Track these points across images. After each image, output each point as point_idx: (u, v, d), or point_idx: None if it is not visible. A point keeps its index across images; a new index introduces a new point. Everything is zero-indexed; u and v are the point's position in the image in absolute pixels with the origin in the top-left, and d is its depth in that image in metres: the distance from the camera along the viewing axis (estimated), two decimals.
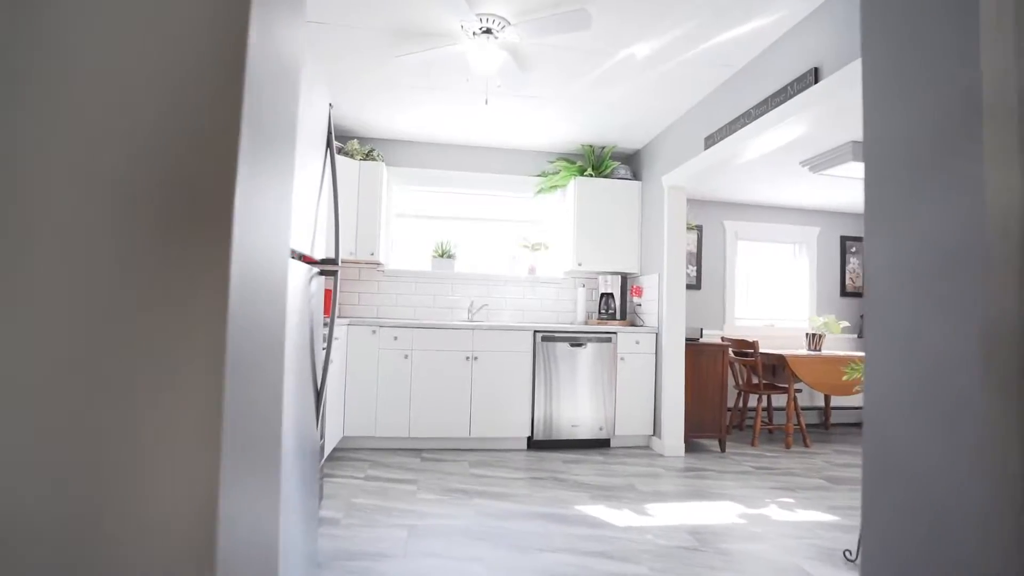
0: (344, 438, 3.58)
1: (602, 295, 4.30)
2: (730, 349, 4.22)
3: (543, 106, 3.53)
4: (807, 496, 2.89)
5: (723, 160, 3.13)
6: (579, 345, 3.81)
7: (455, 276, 4.34)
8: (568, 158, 4.50)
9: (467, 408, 3.65)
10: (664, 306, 3.75)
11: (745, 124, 2.77)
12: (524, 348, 3.74)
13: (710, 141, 3.14)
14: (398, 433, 3.58)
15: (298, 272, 1.58)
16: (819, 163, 3.66)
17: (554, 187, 4.40)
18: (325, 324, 2.36)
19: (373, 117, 3.81)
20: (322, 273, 1.75)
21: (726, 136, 2.97)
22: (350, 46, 2.78)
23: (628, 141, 4.19)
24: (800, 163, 3.84)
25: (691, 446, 3.91)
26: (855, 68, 2.05)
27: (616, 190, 4.22)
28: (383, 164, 3.96)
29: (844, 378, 2.66)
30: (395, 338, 3.61)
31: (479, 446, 3.73)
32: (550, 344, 3.77)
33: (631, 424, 3.84)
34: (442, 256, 4.31)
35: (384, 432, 3.56)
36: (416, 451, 3.60)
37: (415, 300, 4.29)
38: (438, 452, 3.59)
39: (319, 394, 1.74)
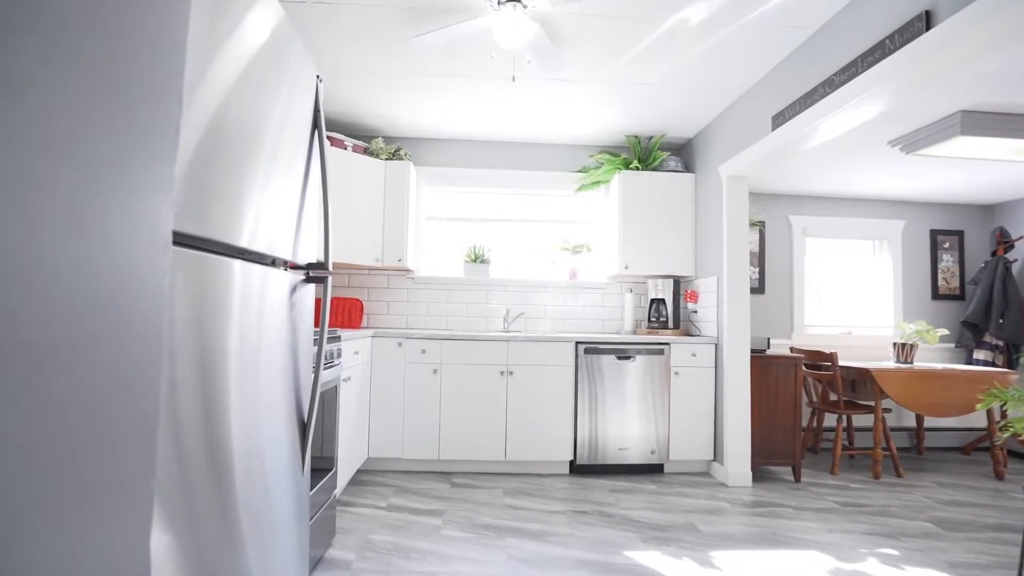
0: (369, 459, 3.31)
1: (652, 301, 3.86)
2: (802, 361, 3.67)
3: (579, 90, 3.16)
4: (915, 546, 2.36)
5: (793, 142, 2.66)
6: (627, 358, 3.39)
7: (489, 283, 4.01)
8: (611, 151, 4.10)
9: (502, 428, 3.31)
10: (724, 313, 3.28)
11: (826, 94, 2.30)
12: (565, 361, 3.36)
13: (779, 120, 2.68)
14: (426, 455, 3.27)
15: (277, 282, 1.28)
16: (916, 141, 3.09)
17: (596, 183, 4.01)
18: (340, 337, 2.11)
19: (396, 112, 3.55)
20: (309, 280, 1.45)
21: (799, 112, 2.50)
22: (363, 28, 2.52)
23: (679, 129, 3.74)
24: (889, 143, 3.28)
25: (759, 474, 3.40)
26: (986, 5, 1.57)
27: (666, 184, 3.79)
28: (410, 163, 3.70)
29: (979, 406, 2.13)
30: (423, 351, 3.31)
31: (516, 470, 3.37)
32: (594, 357, 3.38)
33: (688, 448, 3.38)
34: (475, 261, 4.00)
35: (411, 454, 3.26)
36: (446, 475, 3.28)
37: (447, 309, 3.99)
38: (470, 477, 3.25)
39: (305, 427, 1.44)
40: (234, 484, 1.04)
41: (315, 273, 1.44)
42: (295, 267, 1.44)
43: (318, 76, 1.48)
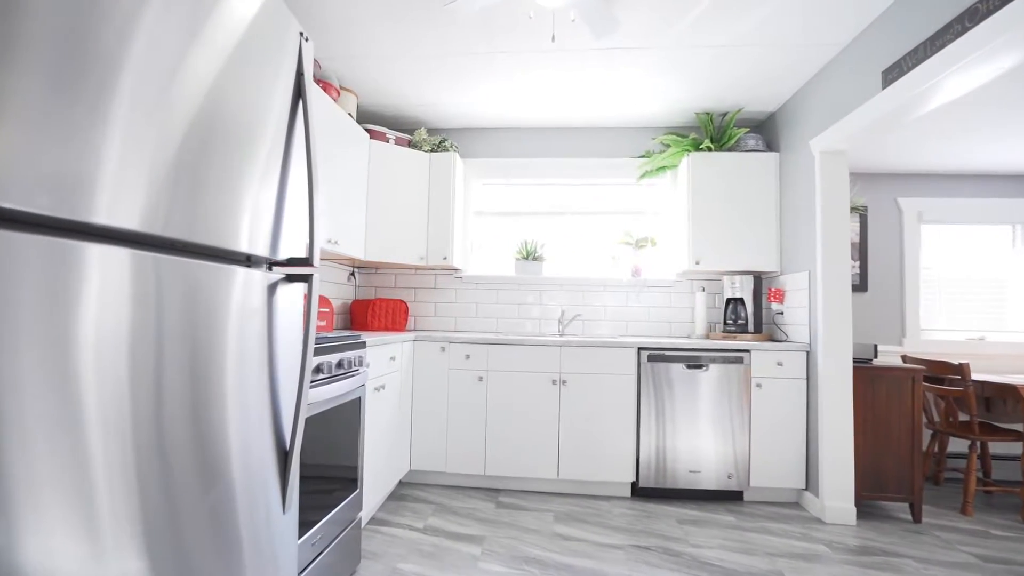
0: (411, 471, 3.10)
1: (728, 301, 3.36)
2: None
3: (637, 60, 2.76)
4: None
5: (909, 103, 2.11)
6: (698, 366, 2.94)
7: (543, 282, 3.69)
8: (678, 131, 3.64)
9: (554, 444, 2.97)
10: (819, 314, 2.74)
11: (966, 29, 1.77)
12: (626, 369, 2.97)
13: (893, 74, 2.15)
14: (471, 470, 3.00)
15: (247, 282, 1.05)
16: None
17: (661, 168, 3.57)
18: (364, 343, 1.87)
19: (438, 100, 3.32)
20: (291, 279, 1.21)
21: (921, 61, 1.97)
22: (392, 2, 2.29)
23: (758, 101, 3.22)
24: None
25: (866, 510, 2.83)
26: None
27: (744, 166, 3.28)
28: (456, 155, 3.46)
29: None
30: (467, 356, 3.05)
31: (569, 490, 3.02)
32: (660, 365, 2.96)
33: (773, 473, 2.87)
34: (527, 258, 3.70)
35: (455, 467, 3.01)
36: (492, 492, 2.99)
37: (497, 311, 3.71)
38: (518, 496, 2.95)
39: (287, 458, 1.19)
40: (181, 528, 0.80)
41: (296, 271, 1.20)
42: (275, 264, 1.20)
43: (302, 33, 1.23)
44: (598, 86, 3.07)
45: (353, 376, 1.96)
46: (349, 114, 2.99)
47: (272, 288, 1.16)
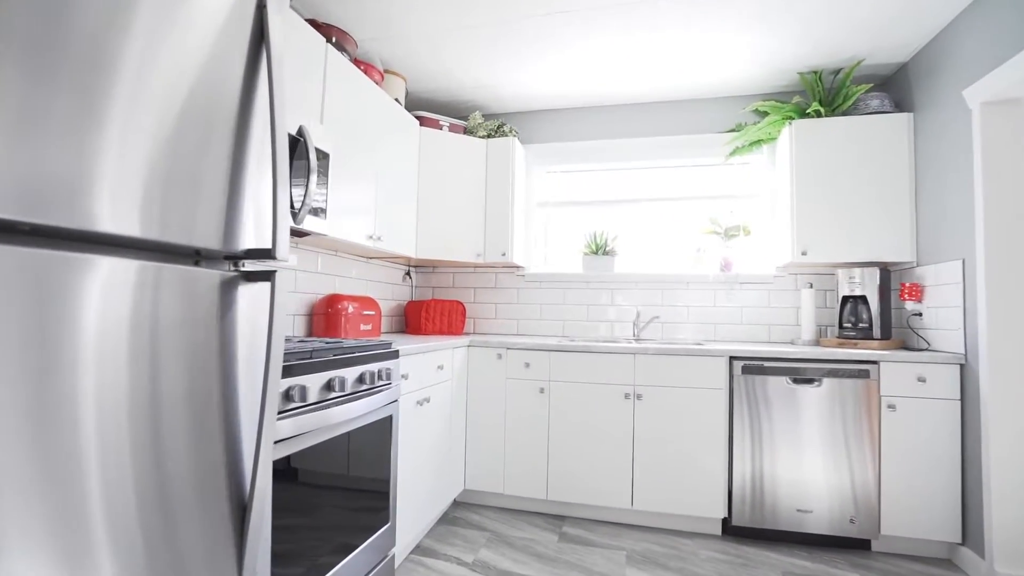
0: (465, 491, 2.81)
1: (845, 300, 2.75)
2: None
3: (723, 11, 2.26)
4: None
5: None
6: (807, 380, 2.38)
7: (615, 279, 3.26)
8: (776, 97, 3.06)
9: (627, 468, 2.55)
10: (982, 316, 2.09)
11: None
12: (714, 382, 2.48)
13: None
14: (532, 493, 2.66)
15: (188, 280, 0.78)
16: None
17: (756, 143, 3.01)
18: (397, 352, 1.48)
19: (493, 81, 3.00)
20: (249, 278, 0.93)
21: None
22: None
23: (884, 50, 2.58)
24: None
25: None
26: None
27: (864, 132, 2.65)
28: (515, 140, 3.13)
29: None
30: (526, 364, 2.71)
31: (646, 523, 2.58)
32: (757, 378, 2.44)
33: (913, 520, 2.25)
34: (597, 252, 3.29)
35: (514, 490, 2.68)
36: (555, 520, 2.62)
37: (563, 312, 3.34)
38: (586, 526, 2.55)
39: (244, 513, 0.91)
40: None
41: (254, 266, 0.92)
42: (231, 257, 0.93)
43: None
44: (673, 49, 2.59)
45: (381, 391, 1.68)
46: (396, 100, 2.76)
47: (228, 289, 0.89)
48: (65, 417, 0.65)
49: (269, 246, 0.93)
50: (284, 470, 1.25)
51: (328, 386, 1.42)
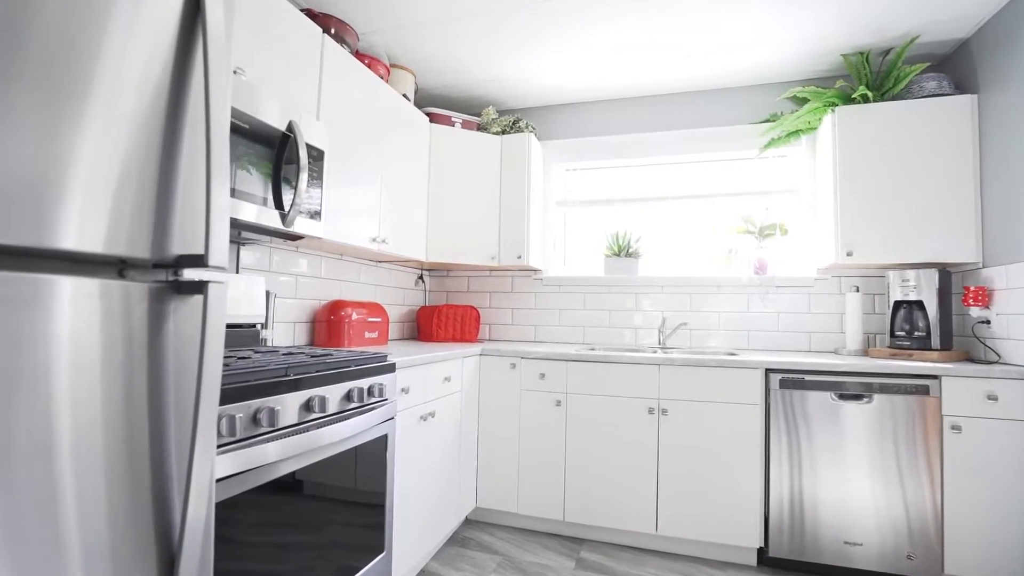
0: (477, 509, 2.64)
1: (897, 305, 2.47)
2: None
3: None
4: None
5: None
6: (856, 396, 2.13)
7: (639, 282, 3.04)
8: (816, 83, 2.80)
9: (651, 490, 2.34)
10: None
11: None
12: (748, 397, 2.25)
13: None
14: (547, 514, 2.47)
15: (105, 295, 0.64)
16: None
17: (794, 133, 2.75)
18: (394, 366, 1.29)
19: (507, 74, 2.83)
20: (181, 290, 0.78)
21: None
22: None
23: (942, 25, 2.30)
24: None
25: None
26: None
27: (919, 117, 2.37)
28: (531, 136, 2.95)
29: None
30: (542, 375, 2.53)
31: (672, 549, 2.36)
32: (797, 393, 2.19)
33: (985, 559, 1.97)
34: (620, 254, 3.08)
35: (528, 510, 2.50)
36: (573, 543, 2.43)
37: (583, 318, 3.14)
38: (605, 552, 2.35)
39: (172, 566, 0.76)
40: None
41: (189, 276, 0.77)
42: (162, 266, 0.79)
43: None
44: (701, 32, 2.37)
45: (373, 409, 1.53)
46: (404, 95, 2.63)
47: (158, 302, 0.74)
48: None
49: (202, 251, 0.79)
50: (258, 503, 1.11)
51: (307, 407, 1.28)
